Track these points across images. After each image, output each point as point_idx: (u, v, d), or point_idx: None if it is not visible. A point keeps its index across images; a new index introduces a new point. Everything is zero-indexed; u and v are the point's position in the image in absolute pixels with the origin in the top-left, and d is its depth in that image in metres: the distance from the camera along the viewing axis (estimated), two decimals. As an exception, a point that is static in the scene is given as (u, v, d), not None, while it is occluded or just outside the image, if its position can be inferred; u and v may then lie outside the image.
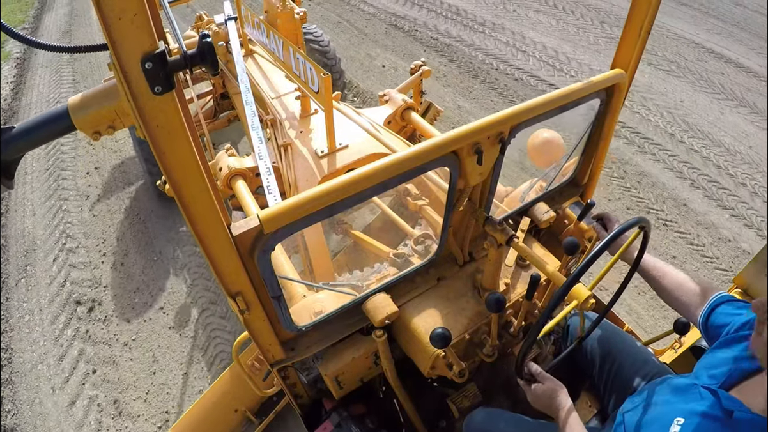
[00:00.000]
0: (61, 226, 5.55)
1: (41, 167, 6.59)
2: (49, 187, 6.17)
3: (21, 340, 4.41)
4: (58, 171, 6.41)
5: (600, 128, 2.19)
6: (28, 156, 6.63)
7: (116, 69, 0.95)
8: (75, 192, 6.03)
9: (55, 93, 8.33)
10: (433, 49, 7.91)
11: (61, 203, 5.88)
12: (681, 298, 1.82)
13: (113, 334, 4.32)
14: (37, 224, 5.68)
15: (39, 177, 6.46)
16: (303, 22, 3.96)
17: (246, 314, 1.57)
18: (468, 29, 8.41)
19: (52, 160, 6.63)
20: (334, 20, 9.21)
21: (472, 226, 2.06)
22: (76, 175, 6.27)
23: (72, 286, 4.81)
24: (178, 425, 2.96)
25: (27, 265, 5.16)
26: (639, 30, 1.90)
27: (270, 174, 2.39)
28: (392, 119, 3.48)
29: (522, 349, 1.74)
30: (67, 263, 5.08)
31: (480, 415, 2.04)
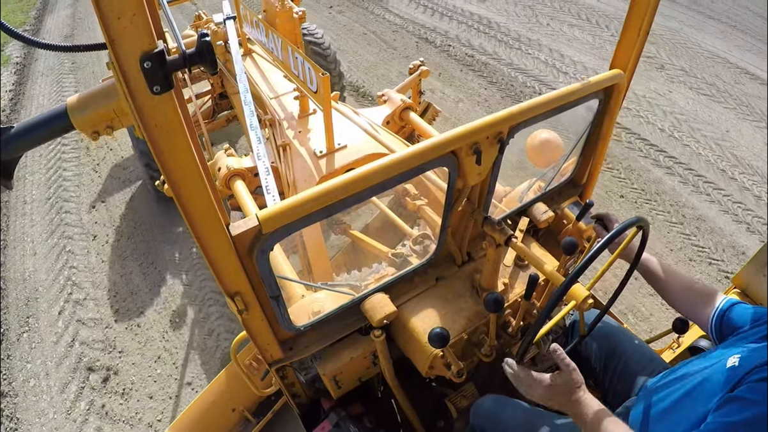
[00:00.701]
0: (66, 272, 4.91)
1: (41, 195, 6.00)
2: (50, 222, 5.58)
3: (27, 409, 3.85)
4: (60, 202, 5.80)
5: (599, 128, 2.20)
6: (27, 182, 6.20)
7: (115, 68, 0.95)
8: (80, 230, 5.40)
9: (56, 92, 8.06)
10: (470, 68, 7.35)
11: (65, 243, 5.25)
12: (687, 300, 1.84)
13: (135, 412, 3.72)
14: (38, 266, 5.04)
15: (39, 207, 5.83)
16: (302, 22, 3.97)
17: (244, 314, 1.57)
18: (503, 45, 7.90)
19: (53, 187, 6.07)
20: (359, 31, 8.71)
21: (470, 226, 2.06)
22: (81, 208, 5.67)
23: (82, 347, 4.20)
24: (175, 424, 2.95)
25: (29, 317, 4.55)
26: (638, 30, 1.90)
27: (269, 174, 2.39)
28: (391, 119, 3.48)
29: (520, 349, 1.74)
30: (75, 318, 4.45)
31: (488, 402, 2.05)
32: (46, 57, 9.35)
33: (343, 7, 9.71)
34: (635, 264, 1.89)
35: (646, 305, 4.03)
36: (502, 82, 7.00)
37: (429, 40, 8.18)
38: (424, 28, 8.56)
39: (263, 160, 2.47)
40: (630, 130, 5.90)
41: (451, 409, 2.42)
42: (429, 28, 8.52)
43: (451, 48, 7.88)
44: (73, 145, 6.68)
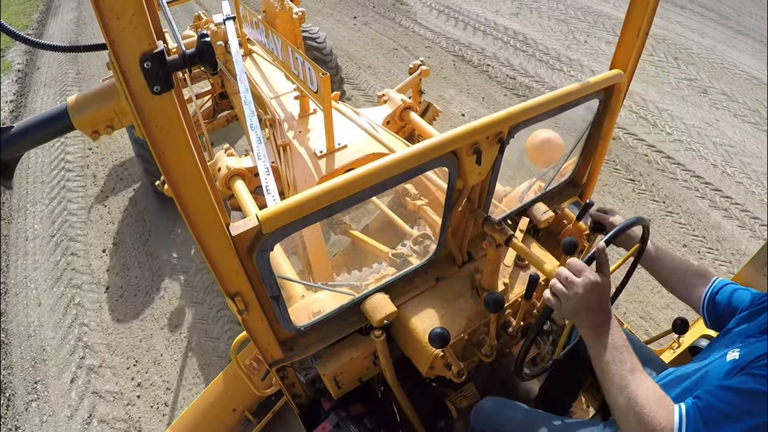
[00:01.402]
0: (76, 329, 4.30)
1: (45, 231, 5.42)
2: (56, 265, 4.96)
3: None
4: (66, 241, 5.22)
5: (599, 128, 2.19)
6: (29, 213, 5.70)
7: (115, 68, 0.94)
8: (90, 278, 4.76)
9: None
10: (514, 93, 6.81)
11: (73, 293, 4.61)
12: (680, 280, 1.83)
13: None
14: (44, 320, 4.42)
15: (43, 246, 5.23)
16: (301, 22, 3.96)
17: (244, 314, 1.57)
18: (544, 65, 7.42)
19: (58, 222, 5.50)
20: (389, 46, 8.17)
21: (470, 226, 2.06)
22: (89, 252, 5.05)
23: (101, 427, 3.64)
24: (176, 425, 2.95)
25: (37, 382, 3.97)
26: (637, 31, 1.90)
27: (269, 174, 2.39)
28: (391, 119, 3.48)
29: (522, 350, 1.74)
30: (90, 389, 3.87)
31: (489, 403, 2.05)
32: (49, 66, 9.07)
33: (368, 17, 9.24)
34: (636, 263, 1.89)
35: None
36: (551, 109, 6.54)
37: (465, 58, 7.66)
38: (458, 44, 8.06)
39: (263, 160, 2.47)
40: (684, 166, 5.52)
41: (451, 409, 2.42)
42: (464, 44, 8.02)
43: (491, 68, 7.36)
44: (78, 172, 6.28)
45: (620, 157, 5.57)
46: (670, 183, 5.27)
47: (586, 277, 1.43)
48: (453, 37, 8.24)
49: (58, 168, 6.39)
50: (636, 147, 5.70)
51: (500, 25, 8.48)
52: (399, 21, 8.94)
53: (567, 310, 1.45)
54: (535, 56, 7.57)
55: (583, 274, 1.44)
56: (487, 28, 8.47)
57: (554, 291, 1.48)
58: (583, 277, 1.43)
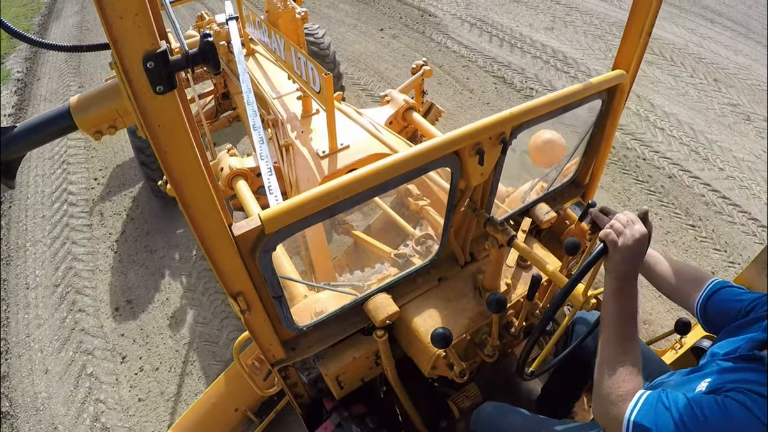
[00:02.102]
0: (91, 407, 3.68)
1: (48, 279, 4.73)
2: (62, 324, 4.28)
3: None
4: (72, 293, 4.52)
5: (601, 129, 2.19)
6: (29, 254, 5.07)
7: (118, 68, 0.95)
8: (102, 342, 4.08)
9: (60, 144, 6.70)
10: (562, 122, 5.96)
11: (85, 361, 3.97)
12: (676, 284, 1.81)
13: None
14: (53, 391, 3.81)
15: (46, 298, 4.51)
16: (304, 22, 3.96)
17: (247, 314, 1.57)
18: (565, 77, 6.82)
19: (62, 269, 4.80)
20: None
21: (473, 226, 2.06)
22: (100, 309, 4.34)
23: None
24: (178, 424, 2.96)
25: None
26: (640, 32, 1.90)
27: (271, 174, 2.39)
28: (393, 119, 3.48)
29: (524, 350, 1.74)
30: None
31: (489, 408, 2.04)
32: (50, 77, 8.62)
33: (396, 30, 8.54)
34: None
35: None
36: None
37: (507, 80, 6.94)
38: (496, 62, 7.34)
39: (266, 160, 2.47)
40: (740, 207, 5.02)
41: (453, 409, 2.42)
42: (502, 63, 7.30)
43: (535, 93, 6.69)
44: (83, 206, 5.61)
45: (678, 199, 5.07)
46: (729, 228, 4.84)
47: (641, 226, 1.50)
48: (490, 55, 7.55)
49: (60, 200, 5.78)
50: (692, 186, 5.25)
51: (537, 42, 7.84)
52: (430, 35, 8.27)
53: (623, 248, 1.47)
54: (578, 78, 6.95)
55: (638, 222, 1.51)
56: (524, 44, 7.80)
57: (615, 228, 1.50)
58: (639, 225, 1.50)
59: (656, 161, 5.49)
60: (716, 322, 1.65)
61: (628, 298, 1.46)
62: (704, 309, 1.69)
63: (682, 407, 1.23)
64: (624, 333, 1.43)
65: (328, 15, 9.40)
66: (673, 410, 1.23)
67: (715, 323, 1.66)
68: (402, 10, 9.27)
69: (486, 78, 7.05)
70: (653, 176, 5.29)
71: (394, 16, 9.09)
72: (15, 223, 5.60)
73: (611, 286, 1.47)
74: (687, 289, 1.77)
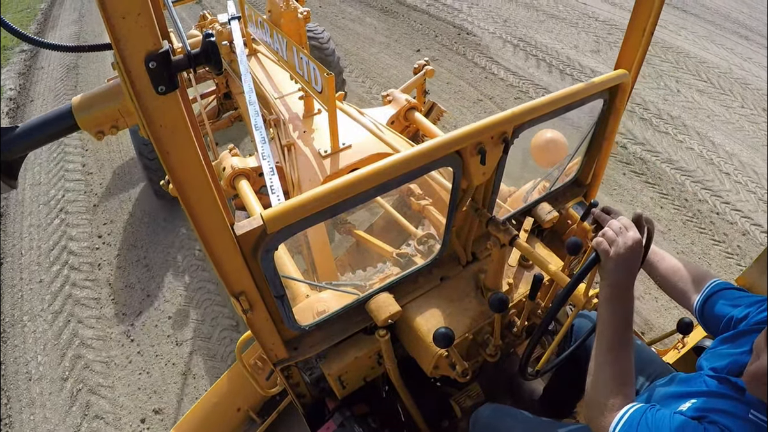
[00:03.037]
0: None
1: (54, 371, 3.96)
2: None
3: None
4: (84, 392, 3.77)
5: (603, 128, 2.19)
6: (28, 335, 4.25)
7: (120, 68, 0.95)
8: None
9: (56, 186, 5.97)
10: (632, 169, 5.46)
11: None
12: (677, 284, 1.81)
13: None
14: None
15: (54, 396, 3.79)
16: (306, 22, 3.97)
17: (249, 314, 1.58)
18: (649, 127, 6.05)
19: (69, 358, 4.02)
20: (471, 96, 6.64)
21: (475, 226, 2.05)
22: (121, 419, 3.58)
23: None
24: (180, 424, 2.96)
25: None
26: (642, 31, 1.89)
27: (273, 174, 2.39)
28: (395, 119, 3.49)
29: (526, 349, 1.74)
30: None
31: (487, 411, 2.04)
32: (44, 98, 7.98)
33: (434, 51, 7.73)
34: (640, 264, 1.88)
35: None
36: (674, 193, 5.16)
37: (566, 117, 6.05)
38: (548, 92, 5.75)
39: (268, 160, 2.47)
40: None
41: (455, 409, 2.42)
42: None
43: None
44: (87, 273, 4.73)
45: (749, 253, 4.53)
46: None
47: (635, 233, 1.47)
48: (541, 84, 6.83)
49: (60, 261, 4.90)
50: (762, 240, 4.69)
51: (586, 68, 7.17)
52: (472, 58, 7.48)
53: (615, 256, 1.46)
54: (636, 112, 6.34)
55: (632, 229, 1.48)
56: (573, 70, 7.13)
57: (607, 237, 1.49)
58: (633, 231, 1.47)
59: (729, 215, 4.94)
60: (712, 326, 1.65)
61: (622, 306, 1.45)
62: (702, 310, 1.69)
63: (663, 429, 1.23)
64: (617, 340, 1.42)
65: (355, 30, 8.67)
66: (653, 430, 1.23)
67: (711, 326, 1.66)
68: (436, 27, 8.53)
69: None
70: (728, 234, 4.73)
71: (428, 34, 8.34)
72: (9, 287, 4.71)
73: (605, 294, 1.47)
74: (688, 288, 1.77)
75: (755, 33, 8.25)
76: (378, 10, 9.34)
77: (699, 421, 1.24)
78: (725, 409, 1.26)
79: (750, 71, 7.19)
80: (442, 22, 8.65)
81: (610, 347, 1.41)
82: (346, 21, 9.02)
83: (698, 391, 1.39)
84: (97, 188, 5.88)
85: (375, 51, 7.95)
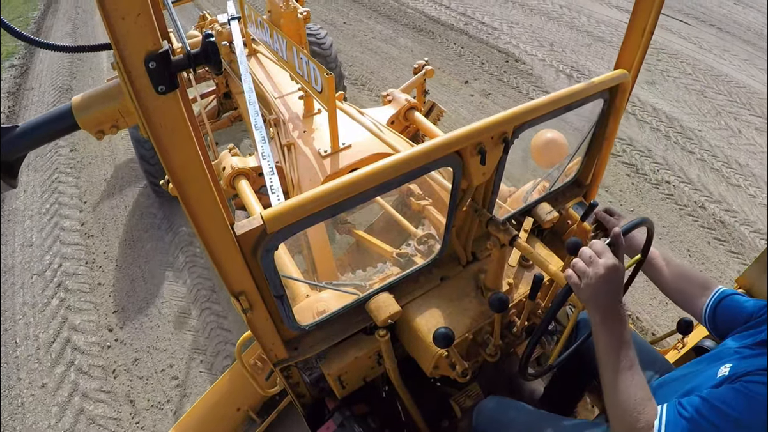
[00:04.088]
0: None
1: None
2: None
3: None
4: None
5: (603, 128, 2.19)
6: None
7: (120, 68, 0.95)
8: None
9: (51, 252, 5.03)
10: (715, 236, 4.87)
11: None
12: (685, 287, 1.82)
13: None
14: None
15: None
16: (306, 22, 3.97)
17: (249, 313, 1.58)
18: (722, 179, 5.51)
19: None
20: None
21: (475, 226, 2.05)
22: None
23: None
24: (180, 423, 2.96)
25: None
26: (642, 31, 1.89)
27: (273, 173, 2.39)
28: (395, 119, 3.49)
29: (526, 350, 1.74)
30: None
31: (491, 403, 2.05)
32: None
33: (483, 83, 7.02)
34: (640, 265, 1.88)
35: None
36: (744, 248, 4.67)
37: (639, 169, 5.59)
38: (617, 138, 5.42)
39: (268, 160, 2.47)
40: None
41: (455, 409, 2.42)
42: (623, 140, 6.01)
43: (675, 192, 5.27)
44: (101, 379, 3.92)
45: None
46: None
47: (608, 258, 1.44)
48: None
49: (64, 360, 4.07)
50: None
51: (647, 104, 6.60)
52: (526, 91, 6.82)
53: (586, 289, 1.45)
54: (706, 160, 5.75)
55: (605, 255, 1.45)
56: (634, 106, 6.58)
57: (576, 269, 1.48)
58: (605, 258, 1.44)
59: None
60: (724, 328, 1.66)
61: (617, 326, 1.43)
62: (713, 314, 1.70)
63: (704, 410, 1.23)
64: (623, 360, 1.39)
65: (389, 54, 7.85)
66: (696, 417, 1.23)
67: (722, 329, 1.67)
68: (479, 51, 7.73)
69: (616, 166, 5.66)
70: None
71: (472, 60, 7.53)
72: (6, 388, 3.92)
73: (594, 320, 1.45)
74: (696, 292, 1.78)
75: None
76: (411, 29, 8.54)
77: (735, 381, 1.25)
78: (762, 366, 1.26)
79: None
80: (485, 46, 7.89)
81: (618, 369, 1.38)
82: (378, 42, 8.24)
83: (733, 357, 1.40)
84: (101, 258, 4.88)
85: (427, 85, 7.07)
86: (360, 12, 9.26)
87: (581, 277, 1.46)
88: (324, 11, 9.33)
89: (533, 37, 8.16)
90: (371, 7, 9.47)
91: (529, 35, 8.19)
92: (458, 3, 9.26)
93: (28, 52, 9.21)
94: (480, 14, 8.83)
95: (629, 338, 1.42)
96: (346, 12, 9.30)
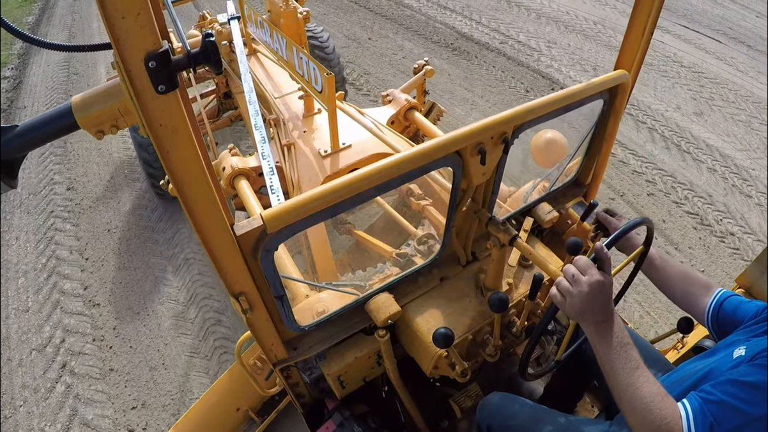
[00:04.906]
0: None
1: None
2: None
3: None
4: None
5: (603, 129, 2.19)
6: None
7: (120, 68, 0.94)
8: None
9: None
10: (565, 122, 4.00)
11: None
12: (688, 288, 1.82)
13: None
14: None
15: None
16: (306, 22, 3.97)
17: (249, 314, 1.57)
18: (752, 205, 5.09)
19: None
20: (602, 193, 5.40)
21: (475, 226, 2.05)
22: None
23: None
24: (180, 423, 2.96)
25: None
26: (642, 31, 1.89)
27: (273, 173, 2.39)
28: (395, 119, 3.49)
29: (526, 350, 1.74)
30: None
31: (495, 398, 2.04)
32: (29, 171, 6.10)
33: None
34: (640, 264, 1.88)
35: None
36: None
37: (704, 219, 4.98)
38: (663, 173, 5.46)
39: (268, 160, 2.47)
40: None
41: (455, 409, 2.42)
42: (667, 174, 5.47)
43: (740, 246, 4.71)
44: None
45: None
46: None
47: (592, 275, 1.42)
48: (649, 159, 5.69)
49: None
50: None
51: (700, 140, 6.03)
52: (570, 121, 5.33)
53: (572, 308, 1.45)
54: (762, 204, 5.25)
55: (588, 272, 1.44)
56: (681, 139, 6.02)
57: (560, 289, 1.48)
58: (589, 275, 1.43)
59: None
60: (726, 328, 1.67)
61: (612, 332, 1.42)
62: (716, 315, 1.71)
63: (731, 389, 1.24)
64: (629, 360, 1.38)
65: None
66: (724, 398, 1.24)
67: (724, 329, 1.68)
68: (521, 76, 7.04)
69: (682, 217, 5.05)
70: None
71: (516, 87, 6.83)
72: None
73: (588, 332, 1.46)
74: (696, 294, 1.79)
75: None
76: (444, 48, 7.77)
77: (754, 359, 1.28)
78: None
79: None
80: (526, 69, 7.19)
81: (625, 372, 1.37)
82: (408, 62, 7.28)
83: (745, 339, 1.42)
84: (110, 335, 4.08)
85: (461, 113, 6.32)
86: (385, 26, 8.45)
87: (565, 296, 1.46)
88: (345, 24, 8.54)
89: (574, 59, 7.51)
90: (397, 20, 8.61)
91: (570, 57, 7.56)
92: (489, 18, 8.49)
93: (21, 63, 8.58)
94: (515, 31, 8.14)
95: (629, 339, 1.42)
96: (370, 26, 8.50)
